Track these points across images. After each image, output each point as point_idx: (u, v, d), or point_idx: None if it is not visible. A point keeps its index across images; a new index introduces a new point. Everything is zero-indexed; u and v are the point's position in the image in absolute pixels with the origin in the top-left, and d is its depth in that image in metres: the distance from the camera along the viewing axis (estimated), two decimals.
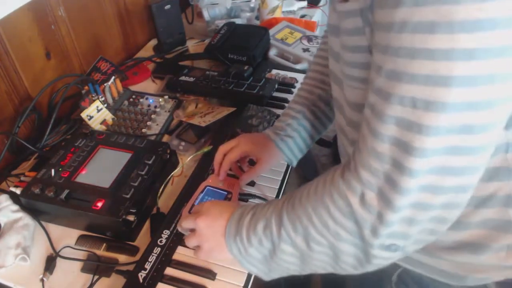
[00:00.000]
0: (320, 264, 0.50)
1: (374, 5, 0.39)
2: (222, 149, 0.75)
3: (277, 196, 0.76)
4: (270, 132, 0.75)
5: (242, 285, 0.62)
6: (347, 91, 0.51)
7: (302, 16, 1.42)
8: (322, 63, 0.76)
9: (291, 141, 0.74)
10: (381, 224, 0.42)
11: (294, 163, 0.76)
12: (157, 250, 0.66)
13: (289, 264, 0.52)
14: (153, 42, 1.29)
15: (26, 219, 0.71)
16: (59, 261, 0.67)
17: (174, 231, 0.68)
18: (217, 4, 1.31)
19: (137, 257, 0.67)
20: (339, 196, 0.45)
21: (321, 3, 1.52)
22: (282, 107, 0.96)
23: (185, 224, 0.63)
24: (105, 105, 0.93)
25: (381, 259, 0.45)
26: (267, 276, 0.56)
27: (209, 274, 0.63)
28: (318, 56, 0.78)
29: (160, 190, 0.76)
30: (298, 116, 0.74)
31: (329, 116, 0.76)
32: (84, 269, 0.66)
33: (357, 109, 0.50)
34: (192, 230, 0.62)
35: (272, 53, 1.17)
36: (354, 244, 0.45)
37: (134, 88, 1.07)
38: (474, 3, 0.31)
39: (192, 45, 1.24)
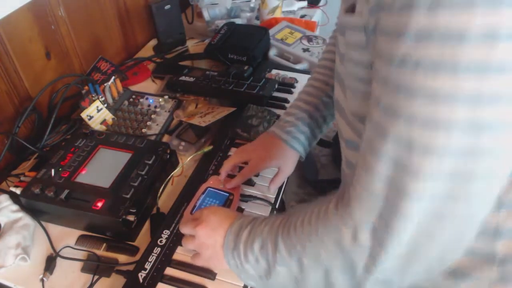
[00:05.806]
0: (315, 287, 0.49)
1: (377, 28, 0.36)
2: (232, 161, 0.75)
3: (277, 196, 0.76)
4: (279, 130, 0.74)
5: (242, 285, 0.61)
6: (348, 95, 0.50)
7: (302, 16, 1.42)
8: (330, 58, 0.76)
9: (303, 137, 0.73)
10: (374, 262, 0.40)
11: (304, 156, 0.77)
12: (157, 250, 0.66)
13: (284, 285, 0.52)
14: (153, 42, 1.29)
15: (26, 219, 0.71)
16: (59, 261, 0.67)
17: (174, 231, 0.68)
18: (217, 4, 1.31)
19: (137, 257, 0.67)
20: (331, 230, 0.44)
21: (321, 3, 1.52)
22: (282, 107, 0.96)
23: (184, 230, 0.62)
24: (105, 105, 0.93)
25: None
26: None
27: (209, 274, 0.63)
28: (327, 52, 0.77)
29: (160, 190, 0.76)
30: (304, 115, 0.75)
31: (327, 121, 0.77)
32: (84, 269, 0.66)
33: (358, 118, 0.48)
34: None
35: (272, 53, 1.17)
36: (347, 278, 0.44)
37: (134, 88, 1.07)
38: (483, 42, 0.28)
39: (192, 45, 1.24)
